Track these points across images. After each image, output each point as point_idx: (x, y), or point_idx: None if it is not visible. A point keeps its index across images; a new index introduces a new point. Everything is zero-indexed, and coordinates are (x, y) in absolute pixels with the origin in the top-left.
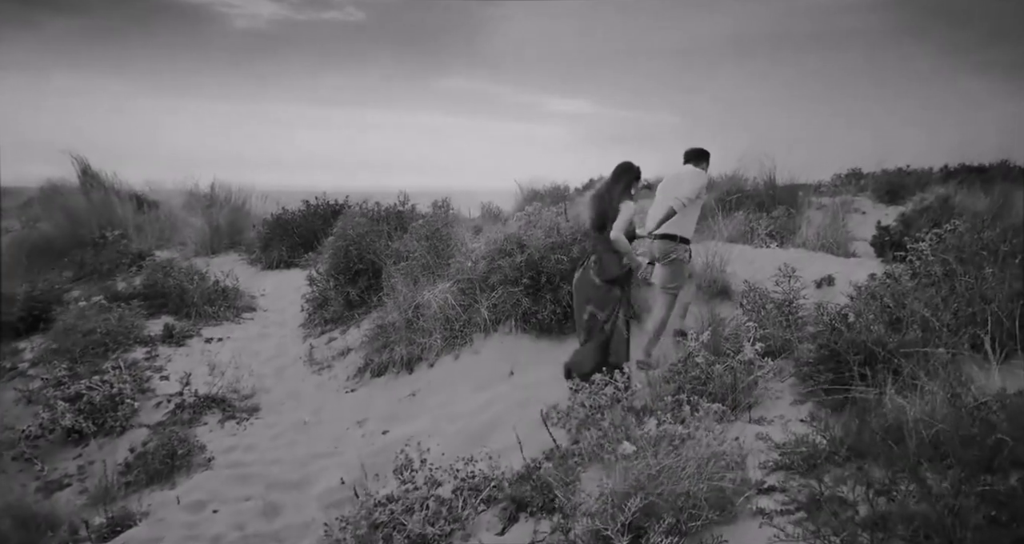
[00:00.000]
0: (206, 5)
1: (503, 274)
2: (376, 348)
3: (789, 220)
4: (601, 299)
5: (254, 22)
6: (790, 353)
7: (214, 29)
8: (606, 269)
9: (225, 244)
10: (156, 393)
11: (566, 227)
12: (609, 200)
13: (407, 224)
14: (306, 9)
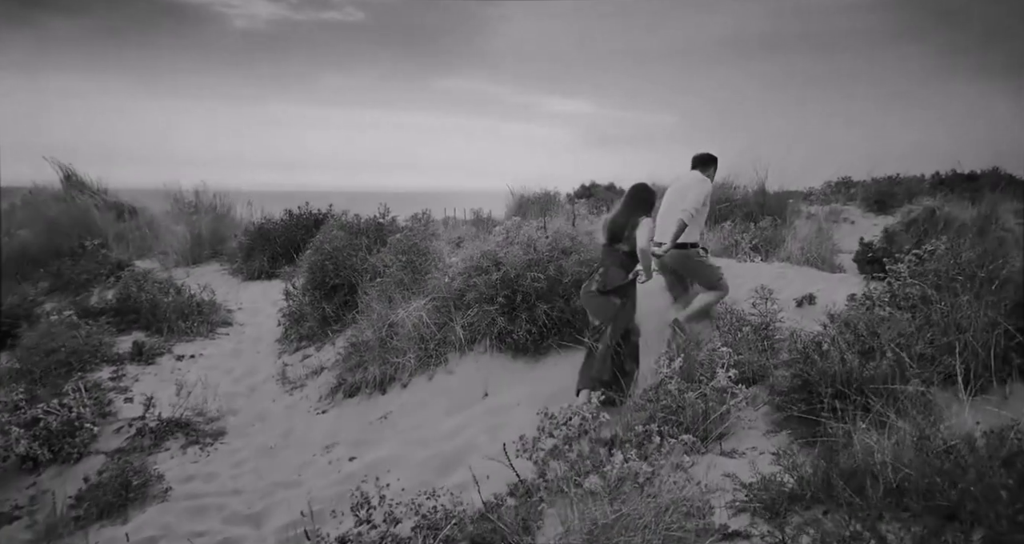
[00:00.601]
0: (205, 5)
1: (479, 292)
2: (349, 367)
3: (776, 231)
4: (600, 308)
5: (253, 22)
6: (765, 379)
7: (213, 29)
8: (609, 280)
9: (207, 254)
10: (118, 417)
11: (543, 244)
12: (629, 217)
13: (387, 237)
14: (305, 9)
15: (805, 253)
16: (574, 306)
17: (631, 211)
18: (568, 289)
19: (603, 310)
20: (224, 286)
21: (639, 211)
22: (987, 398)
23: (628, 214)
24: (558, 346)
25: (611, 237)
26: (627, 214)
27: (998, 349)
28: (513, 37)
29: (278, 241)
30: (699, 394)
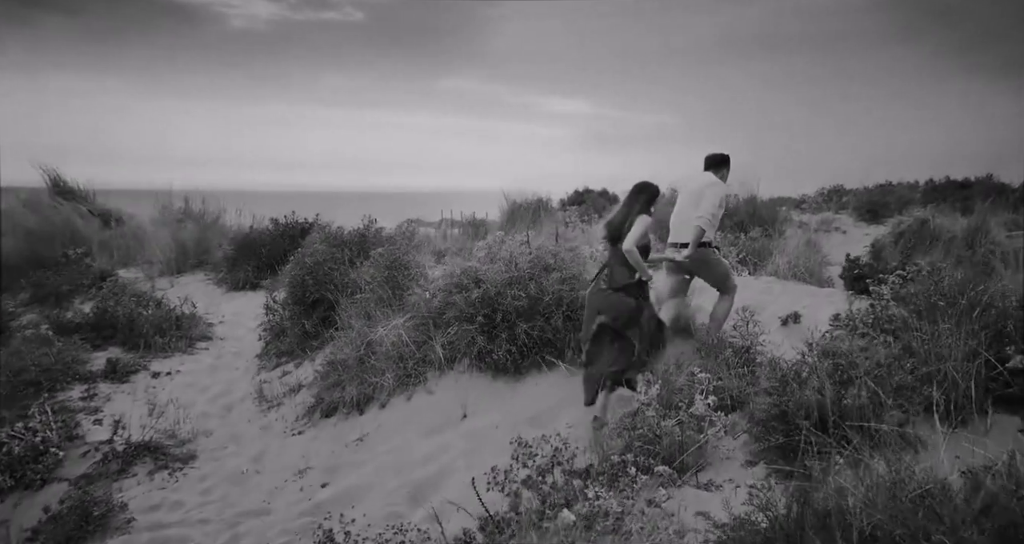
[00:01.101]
0: (204, 5)
1: (458, 310)
2: (327, 385)
3: (766, 242)
4: (613, 305)
5: (252, 22)
6: (745, 406)
7: (212, 29)
8: (615, 279)
9: (192, 263)
10: (86, 440)
11: (525, 261)
12: (627, 215)
13: (371, 249)
14: (304, 9)
15: (793, 267)
16: (555, 325)
17: (630, 209)
18: (549, 308)
19: (617, 307)
20: (208, 297)
21: (638, 208)
22: (970, 427)
23: (627, 212)
24: (539, 366)
25: (611, 237)
26: (626, 212)
27: (979, 379)
28: (512, 38)
29: (263, 251)
30: (677, 421)
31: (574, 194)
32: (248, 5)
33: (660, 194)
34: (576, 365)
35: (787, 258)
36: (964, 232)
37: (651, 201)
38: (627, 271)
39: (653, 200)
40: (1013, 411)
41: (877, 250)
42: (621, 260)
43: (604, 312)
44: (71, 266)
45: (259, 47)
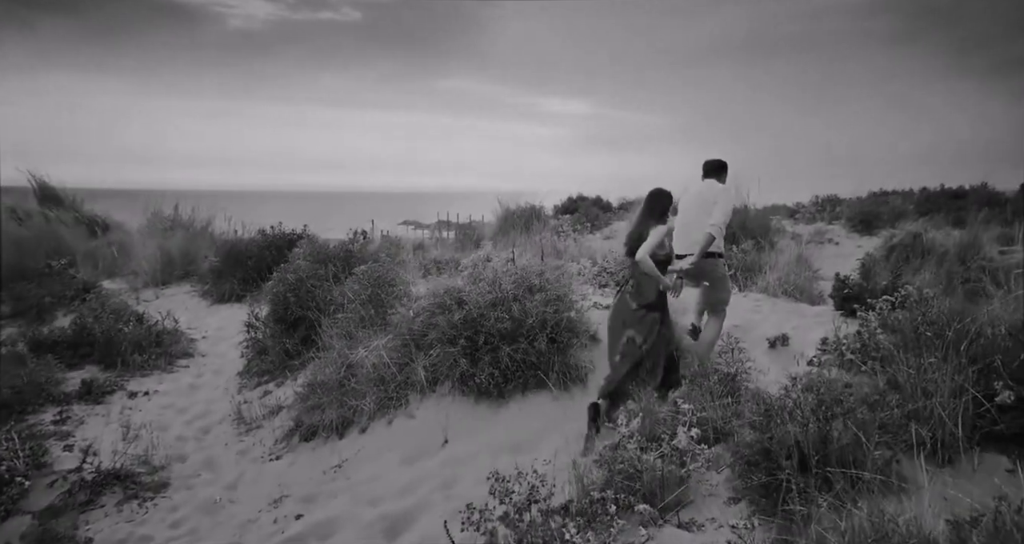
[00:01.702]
0: (202, 5)
1: (441, 332)
2: (307, 408)
3: (758, 255)
4: (640, 324)
5: (250, 22)
6: (729, 437)
7: (210, 29)
8: (644, 294)
9: (178, 274)
10: (54, 468)
11: (509, 282)
12: (643, 226)
13: (356, 264)
14: (302, 9)
15: (783, 284)
16: (539, 348)
17: (646, 220)
18: (533, 330)
19: (643, 325)
20: (193, 309)
21: (653, 219)
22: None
23: (643, 224)
24: (523, 389)
25: (631, 250)
26: (642, 223)
27: (966, 416)
28: (511, 38)
29: (249, 263)
30: (659, 454)
31: (568, 201)
32: (246, 5)
33: (672, 200)
34: (560, 388)
35: (777, 274)
36: (956, 247)
37: (666, 210)
38: (654, 284)
39: (668, 209)
40: (1001, 449)
41: (867, 269)
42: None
43: (634, 330)
44: (54, 277)
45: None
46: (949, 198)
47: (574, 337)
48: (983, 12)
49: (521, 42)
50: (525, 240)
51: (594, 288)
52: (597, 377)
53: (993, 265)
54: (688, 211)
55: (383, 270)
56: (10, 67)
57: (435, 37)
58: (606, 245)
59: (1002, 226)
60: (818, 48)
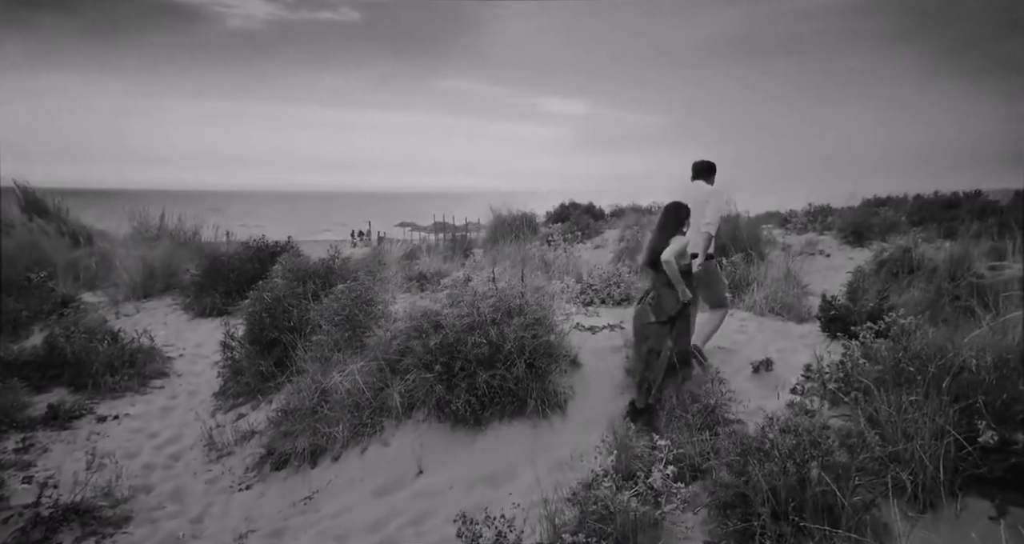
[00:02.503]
0: (201, 5)
1: (416, 356)
2: (280, 434)
3: (747, 268)
4: (656, 337)
5: (248, 22)
6: (707, 474)
7: (208, 29)
8: (664, 307)
9: (160, 287)
10: (10, 503)
11: (487, 305)
12: (662, 237)
13: (336, 282)
14: (300, 9)
15: (771, 301)
16: (516, 374)
17: (664, 231)
18: (511, 355)
19: (657, 337)
20: (173, 324)
21: (672, 230)
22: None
23: (663, 235)
24: (500, 417)
25: (651, 262)
26: (662, 235)
27: (947, 459)
28: (510, 39)
29: (231, 276)
30: (634, 493)
31: (560, 208)
32: (245, 5)
33: (690, 214)
34: (538, 415)
35: (765, 292)
36: (946, 263)
37: (683, 221)
38: (674, 295)
39: (685, 220)
40: (984, 493)
41: (853, 290)
42: (666, 282)
43: (655, 344)
44: (32, 291)
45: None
46: (942, 207)
47: (553, 362)
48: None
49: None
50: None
51: (578, 307)
52: (577, 403)
53: (983, 282)
54: None
55: (361, 289)
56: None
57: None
58: (596, 255)
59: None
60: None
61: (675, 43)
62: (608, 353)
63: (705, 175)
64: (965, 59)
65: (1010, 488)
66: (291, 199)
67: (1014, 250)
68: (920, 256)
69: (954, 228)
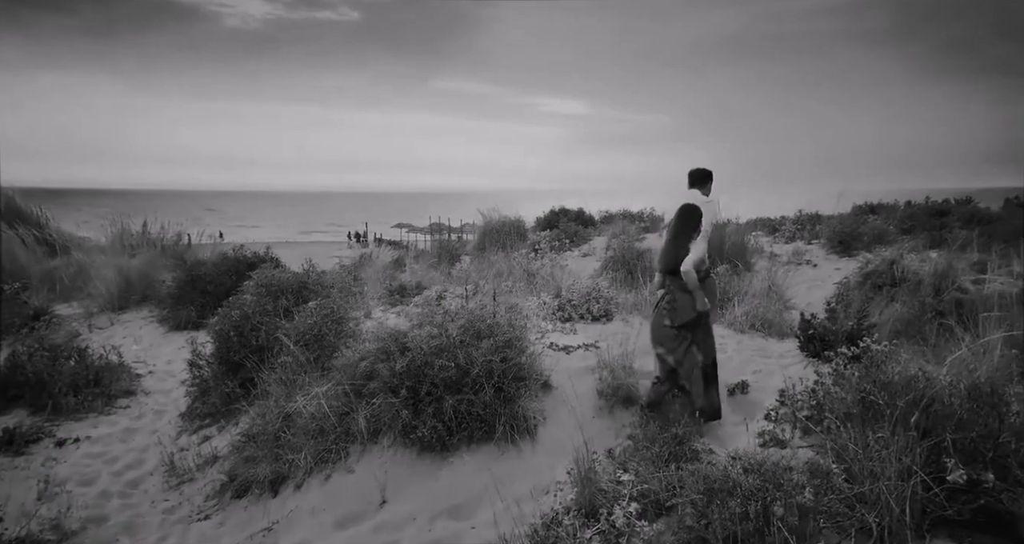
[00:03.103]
0: (199, 5)
1: (382, 380)
2: (242, 460)
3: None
4: (671, 342)
5: (247, 22)
6: (673, 510)
7: (206, 29)
8: (681, 313)
9: (136, 298)
10: None
11: (455, 327)
12: (678, 242)
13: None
14: (299, 8)
15: (752, 318)
16: (484, 399)
17: (680, 234)
18: (479, 379)
19: (673, 344)
20: (148, 337)
21: (688, 235)
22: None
23: (678, 239)
24: (468, 443)
25: (668, 269)
26: (677, 239)
27: (915, 501)
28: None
29: (208, 288)
30: (596, 531)
31: (549, 214)
32: (243, 4)
33: (703, 216)
34: (506, 442)
35: (747, 307)
36: (931, 276)
37: (698, 224)
38: (691, 301)
39: (699, 223)
40: (953, 535)
41: (832, 309)
42: (683, 287)
43: (664, 347)
44: (4, 304)
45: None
46: (931, 215)
47: (523, 386)
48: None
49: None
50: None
51: (554, 324)
52: (548, 428)
53: (968, 297)
54: None
55: (332, 306)
56: (7, 66)
57: (433, 37)
58: (583, 264)
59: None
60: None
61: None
62: (583, 374)
63: (701, 184)
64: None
65: (980, 530)
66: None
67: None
68: (905, 268)
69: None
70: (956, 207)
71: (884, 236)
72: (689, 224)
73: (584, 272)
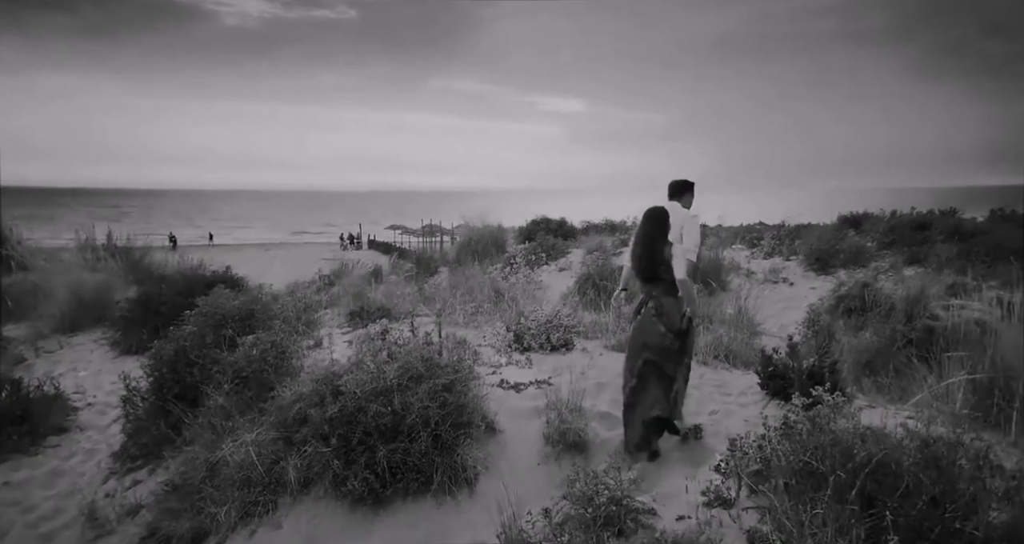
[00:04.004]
0: (196, 3)
1: (314, 427)
2: (163, 512)
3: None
4: (665, 350)
5: (244, 21)
6: None
7: (204, 28)
8: (670, 317)
9: (91, 318)
10: None
11: (394, 369)
12: (652, 247)
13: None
14: (297, 7)
15: (716, 348)
16: (421, 448)
17: (654, 240)
18: (415, 426)
19: (667, 353)
20: (96, 362)
21: (664, 237)
22: None
23: (651, 244)
24: (404, 495)
25: (644, 276)
26: (650, 244)
27: None
28: (507, 37)
29: (162, 310)
30: None
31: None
32: (241, 3)
33: (670, 218)
34: (444, 494)
35: (712, 336)
36: (903, 302)
37: (667, 226)
38: (677, 303)
39: (669, 223)
40: None
41: (793, 345)
42: (666, 291)
43: (655, 353)
44: None
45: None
46: (914, 229)
47: (463, 433)
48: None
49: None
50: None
51: (509, 356)
52: (490, 478)
53: (940, 324)
54: None
55: (274, 340)
56: (4, 66)
57: (432, 36)
58: (559, 280)
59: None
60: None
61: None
62: (531, 416)
63: (680, 195)
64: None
65: None
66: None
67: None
68: (877, 293)
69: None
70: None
71: (862, 254)
72: (662, 228)
73: (559, 288)
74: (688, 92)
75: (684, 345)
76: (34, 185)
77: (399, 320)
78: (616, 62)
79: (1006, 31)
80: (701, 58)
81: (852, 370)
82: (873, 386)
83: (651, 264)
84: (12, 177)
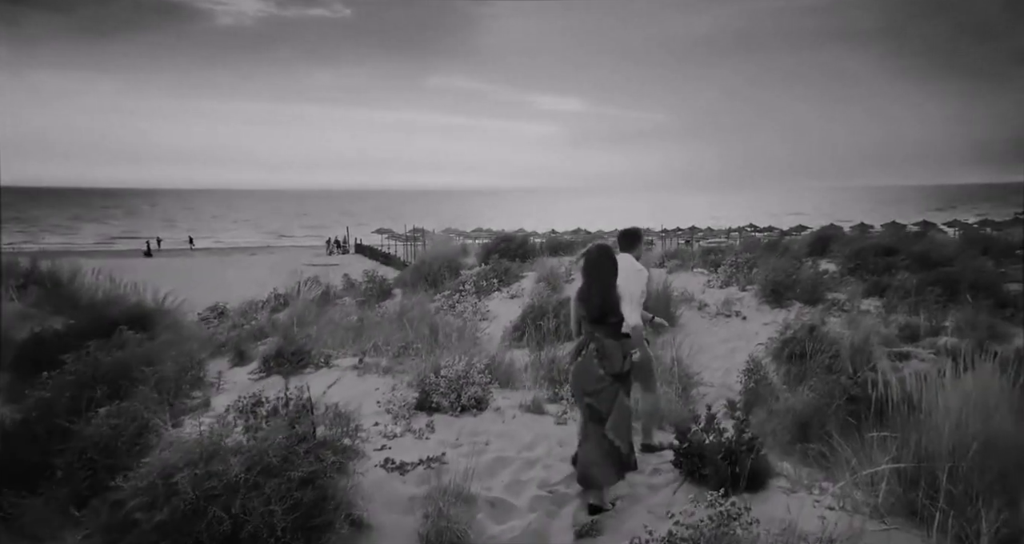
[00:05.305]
0: (192, 2)
1: (140, 534)
2: None
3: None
4: (602, 394)
5: (239, 19)
6: None
7: (199, 27)
8: (612, 360)
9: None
10: None
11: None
12: (603, 290)
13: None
14: (291, 6)
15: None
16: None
17: (606, 281)
18: (258, 534)
19: (604, 396)
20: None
21: (613, 277)
22: None
23: (602, 287)
24: None
25: (593, 318)
26: (600, 287)
27: None
28: (503, 36)
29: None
30: None
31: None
32: (236, 1)
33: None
34: None
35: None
36: (849, 350)
37: (615, 265)
38: (619, 347)
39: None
40: None
41: (712, 417)
42: (609, 333)
43: (593, 399)
44: None
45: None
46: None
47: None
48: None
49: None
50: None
51: (407, 423)
52: None
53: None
54: None
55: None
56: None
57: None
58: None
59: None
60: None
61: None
62: (409, 508)
63: (629, 246)
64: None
65: None
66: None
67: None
68: (823, 337)
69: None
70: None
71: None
72: (610, 267)
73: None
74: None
75: (625, 385)
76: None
77: (318, 367)
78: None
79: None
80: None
81: (787, 432)
82: (802, 458)
83: (600, 306)
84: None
